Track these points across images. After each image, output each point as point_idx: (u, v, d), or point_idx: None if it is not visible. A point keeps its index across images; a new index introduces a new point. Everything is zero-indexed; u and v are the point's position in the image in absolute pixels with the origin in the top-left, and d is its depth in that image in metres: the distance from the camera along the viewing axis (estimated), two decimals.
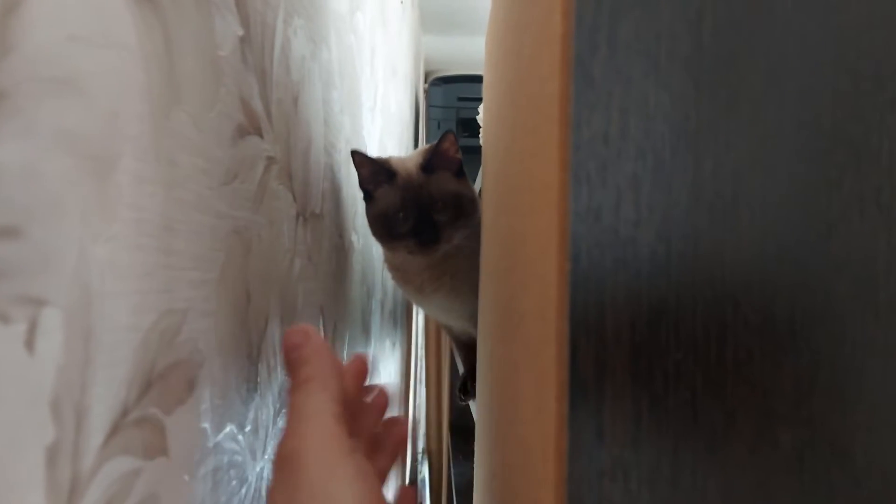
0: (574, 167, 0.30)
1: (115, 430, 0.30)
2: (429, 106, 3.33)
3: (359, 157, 0.94)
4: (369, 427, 0.51)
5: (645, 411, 0.29)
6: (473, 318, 1.03)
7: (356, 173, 0.97)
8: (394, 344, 1.81)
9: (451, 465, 2.51)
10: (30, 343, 0.24)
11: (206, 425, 0.42)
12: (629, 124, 0.30)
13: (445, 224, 0.94)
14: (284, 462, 0.39)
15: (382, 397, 0.54)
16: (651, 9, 0.30)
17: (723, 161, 0.30)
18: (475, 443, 0.91)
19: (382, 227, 0.96)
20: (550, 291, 0.31)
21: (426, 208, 0.94)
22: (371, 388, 0.53)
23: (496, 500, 0.53)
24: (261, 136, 0.52)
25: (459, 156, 1.00)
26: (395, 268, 1.10)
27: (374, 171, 0.96)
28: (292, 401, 0.42)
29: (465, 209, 0.96)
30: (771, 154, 0.30)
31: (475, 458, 0.90)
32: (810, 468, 0.29)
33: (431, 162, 0.97)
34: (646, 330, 0.30)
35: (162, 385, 0.35)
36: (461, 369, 1.30)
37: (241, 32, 0.47)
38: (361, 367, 0.51)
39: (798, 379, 0.29)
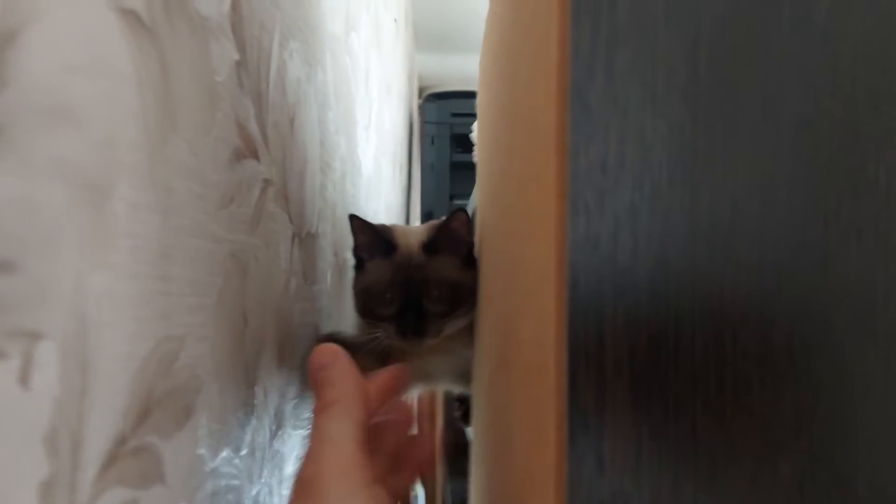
0: (572, 196, 0.30)
1: (111, 460, 0.30)
2: (423, 122, 3.34)
3: (357, 223, 0.82)
4: (391, 444, 0.51)
5: (645, 440, 0.29)
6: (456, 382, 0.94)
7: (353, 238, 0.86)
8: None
9: (446, 483, 2.50)
10: (24, 379, 0.24)
11: (203, 451, 0.41)
12: (626, 154, 0.30)
13: (435, 316, 0.80)
14: (303, 486, 0.38)
15: (406, 413, 0.53)
16: (647, 38, 0.30)
17: (720, 190, 0.30)
18: (471, 462, 0.91)
19: (366, 303, 0.83)
20: (548, 319, 0.31)
21: (417, 294, 0.80)
22: (397, 403, 0.53)
23: None
24: (257, 159, 0.52)
25: (471, 238, 0.84)
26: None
27: (371, 240, 0.84)
28: (316, 423, 0.42)
29: (462, 301, 0.82)
30: (768, 184, 0.30)
31: (471, 479, 0.90)
32: (811, 498, 0.29)
33: (436, 241, 0.83)
34: (645, 359, 0.30)
35: (160, 412, 0.35)
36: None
37: (237, 57, 0.47)
38: (391, 384, 0.51)
39: (798, 408, 0.29)
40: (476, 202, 1.01)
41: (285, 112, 0.62)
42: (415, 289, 0.80)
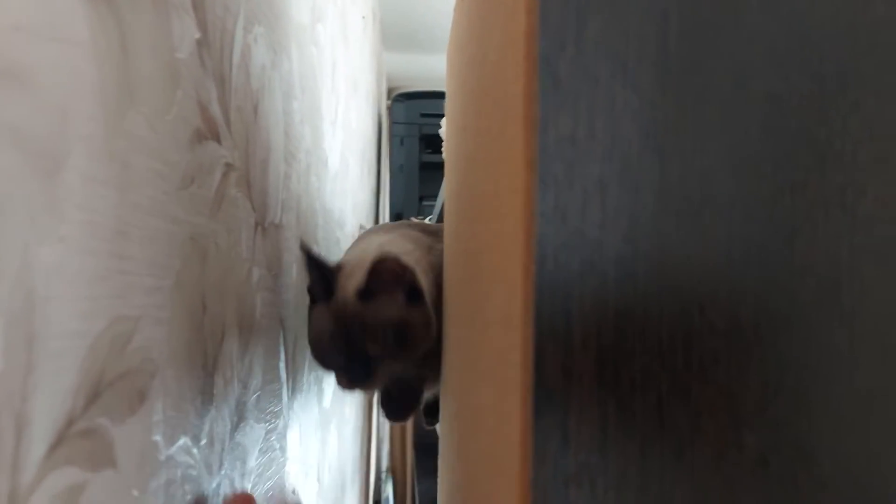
0: (540, 169, 0.30)
1: (59, 441, 0.29)
2: (392, 122, 3.33)
3: (306, 258, 0.79)
4: None
5: (612, 416, 0.29)
6: None
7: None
8: None
9: (416, 482, 2.49)
10: None
11: (158, 437, 0.40)
12: (596, 126, 0.30)
13: (381, 357, 0.78)
14: None
15: None
16: (618, 8, 0.30)
17: (689, 163, 0.30)
18: (439, 458, 0.90)
19: (316, 354, 0.81)
20: (516, 296, 0.31)
21: (357, 340, 0.77)
22: None
23: None
24: (219, 141, 0.51)
25: (408, 277, 0.80)
26: None
27: (317, 279, 0.81)
28: None
29: (409, 336, 0.79)
30: (737, 156, 0.30)
31: (439, 474, 0.89)
32: (776, 472, 0.29)
33: (370, 285, 0.79)
34: (612, 334, 0.29)
35: (111, 395, 0.34)
36: None
37: (198, 35, 0.46)
38: None
39: (763, 383, 0.29)
40: (443, 197, 1.00)
41: (249, 97, 0.61)
42: (354, 336, 0.77)
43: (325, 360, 0.81)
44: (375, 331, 0.78)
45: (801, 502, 0.29)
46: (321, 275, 0.80)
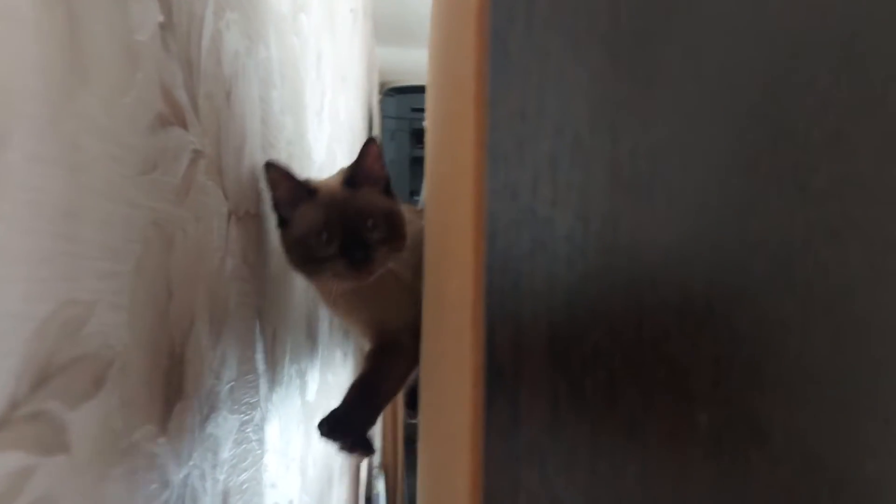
0: (490, 145, 0.29)
1: (2, 423, 0.28)
2: (383, 117, 3.32)
3: (275, 173, 0.79)
4: None
5: (563, 395, 0.29)
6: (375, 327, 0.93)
7: (270, 193, 0.83)
8: (345, 355, 1.79)
9: (406, 478, 2.49)
10: None
11: (120, 424, 0.40)
12: (547, 101, 0.29)
13: (378, 243, 0.82)
14: None
15: None
16: None
17: (640, 140, 0.29)
18: (418, 451, 0.90)
19: (303, 252, 0.82)
20: (468, 274, 0.30)
21: (354, 226, 0.81)
22: None
23: (428, 498, 0.52)
24: (185, 127, 0.51)
25: (385, 172, 0.89)
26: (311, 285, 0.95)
27: (292, 189, 0.81)
28: None
29: (397, 229, 0.84)
30: (689, 133, 0.30)
31: (419, 462, 0.89)
32: (729, 449, 0.29)
33: (355, 175, 0.85)
34: (563, 312, 0.29)
35: (63, 379, 0.33)
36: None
37: (160, 18, 0.46)
38: None
39: (715, 359, 0.29)
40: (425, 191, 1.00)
41: (220, 83, 0.60)
42: (351, 222, 0.81)
43: (316, 255, 0.81)
44: (371, 214, 0.82)
45: (753, 478, 0.29)
46: (295, 182, 0.81)
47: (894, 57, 0.30)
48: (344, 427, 0.84)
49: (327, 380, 1.37)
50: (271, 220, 0.84)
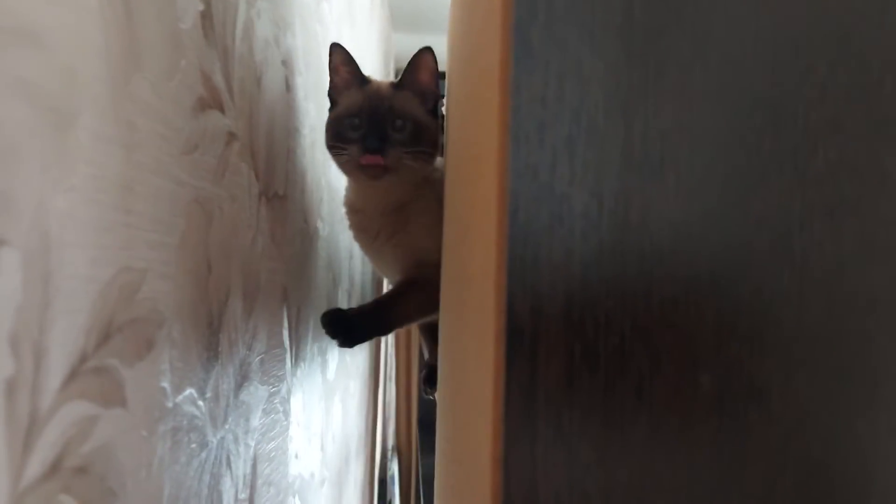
0: (513, 128, 0.32)
1: (73, 374, 0.32)
2: None
3: (340, 55, 0.91)
4: None
5: (577, 357, 0.31)
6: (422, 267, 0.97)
7: (328, 75, 0.94)
8: None
9: (420, 459, 2.53)
10: None
11: (166, 385, 0.43)
12: (565, 88, 0.32)
13: (397, 142, 0.87)
14: None
15: None
16: None
17: (651, 124, 0.32)
18: (437, 422, 0.93)
19: (335, 129, 0.90)
20: (491, 247, 0.33)
21: (382, 120, 0.88)
22: None
23: (449, 460, 0.55)
24: (222, 111, 0.54)
25: (437, 90, 0.94)
26: (353, 209, 1.01)
27: (349, 74, 0.92)
28: None
29: (423, 139, 0.90)
30: (696, 118, 0.32)
31: (437, 437, 0.92)
32: (729, 408, 0.31)
33: (405, 79, 0.93)
34: (578, 282, 0.32)
35: (121, 339, 0.36)
36: (426, 356, 1.30)
37: (201, 7, 0.49)
38: None
39: (718, 326, 0.31)
40: (445, 171, 1.02)
41: (252, 70, 0.63)
42: (381, 116, 0.88)
43: (343, 133, 0.89)
44: (400, 115, 0.89)
45: (752, 436, 0.32)
46: (353, 66, 0.92)
47: (888, 49, 0.32)
48: (343, 328, 0.91)
49: (345, 360, 1.41)
50: (295, 201, 0.87)
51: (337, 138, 0.90)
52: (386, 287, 2.48)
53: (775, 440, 0.32)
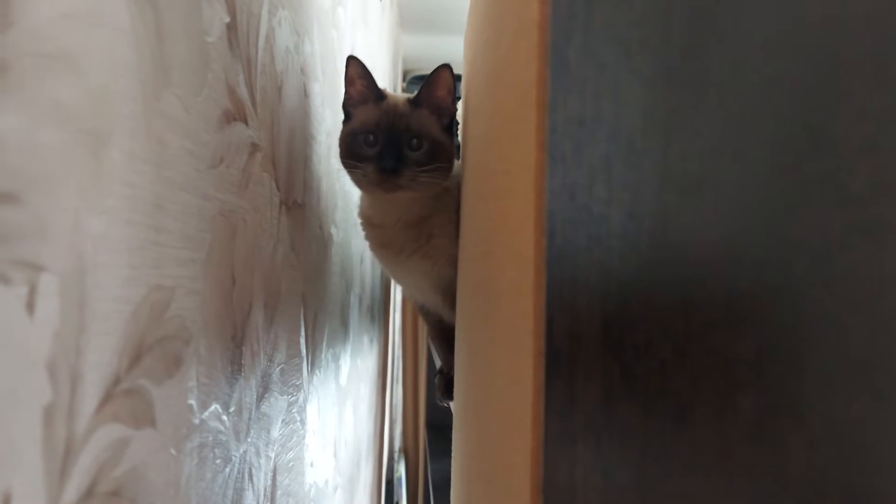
0: (550, 148, 0.32)
1: (107, 397, 0.31)
2: None
3: (356, 67, 0.89)
4: None
5: (616, 380, 0.31)
6: (446, 290, 0.97)
7: (343, 89, 0.92)
8: (371, 340, 1.82)
9: (428, 462, 2.52)
10: (31, 306, 0.25)
11: (193, 402, 0.43)
12: (602, 108, 0.32)
13: (413, 162, 0.86)
14: None
15: None
16: None
17: (690, 144, 0.32)
18: (453, 431, 0.93)
19: (349, 145, 0.89)
20: (527, 267, 0.33)
21: (398, 138, 0.86)
22: None
23: (473, 475, 0.54)
24: (246, 122, 0.53)
25: (455, 107, 0.93)
26: (370, 223, 0.99)
27: (364, 87, 0.90)
28: None
29: (439, 157, 0.88)
30: (735, 139, 0.32)
31: (453, 446, 0.92)
32: (769, 433, 0.31)
33: (422, 95, 0.91)
34: (616, 303, 0.31)
35: (151, 358, 0.36)
36: (438, 363, 1.29)
37: (227, 19, 0.48)
38: None
39: (759, 349, 0.31)
40: (461, 178, 1.02)
41: (273, 79, 0.63)
42: (397, 134, 0.87)
43: (358, 151, 0.88)
44: (417, 133, 0.88)
45: (791, 460, 0.31)
46: (370, 80, 0.90)
47: None
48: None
49: (357, 365, 1.41)
50: (311, 208, 0.87)
51: (351, 155, 0.88)
52: (393, 292, 2.47)
53: (816, 466, 0.31)
